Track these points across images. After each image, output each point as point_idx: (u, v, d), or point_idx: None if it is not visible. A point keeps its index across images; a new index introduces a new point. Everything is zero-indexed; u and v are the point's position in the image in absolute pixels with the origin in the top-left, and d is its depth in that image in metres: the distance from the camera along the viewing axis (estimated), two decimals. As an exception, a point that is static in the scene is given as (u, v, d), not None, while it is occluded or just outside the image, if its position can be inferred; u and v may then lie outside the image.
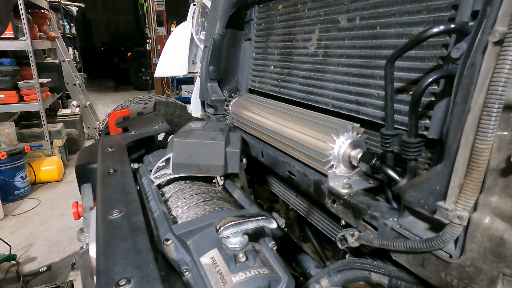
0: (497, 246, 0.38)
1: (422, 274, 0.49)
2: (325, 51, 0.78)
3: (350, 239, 0.60)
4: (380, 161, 0.58)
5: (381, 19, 0.63)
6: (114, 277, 0.45)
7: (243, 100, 1.08)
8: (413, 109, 0.49)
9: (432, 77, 0.47)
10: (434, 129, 0.53)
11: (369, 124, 0.68)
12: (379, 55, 0.64)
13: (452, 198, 0.41)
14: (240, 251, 0.51)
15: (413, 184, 0.48)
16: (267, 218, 0.55)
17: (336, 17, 0.74)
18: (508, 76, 0.33)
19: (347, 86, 0.71)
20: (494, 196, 0.39)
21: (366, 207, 0.59)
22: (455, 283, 0.44)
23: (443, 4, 0.52)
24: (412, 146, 0.51)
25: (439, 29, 0.46)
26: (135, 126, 1.20)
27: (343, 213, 0.64)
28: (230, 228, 0.51)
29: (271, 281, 0.50)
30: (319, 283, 0.60)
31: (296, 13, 0.90)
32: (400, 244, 0.49)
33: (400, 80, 0.58)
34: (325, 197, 0.69)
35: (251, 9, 1.16)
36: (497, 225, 0.39)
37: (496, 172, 0.38)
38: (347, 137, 0.64)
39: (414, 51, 0.55)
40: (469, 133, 0.38)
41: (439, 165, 0.44)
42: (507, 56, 0.33)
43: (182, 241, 0.55)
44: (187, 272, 0.52)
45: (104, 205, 0.61)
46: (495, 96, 0.34)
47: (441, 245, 0.43)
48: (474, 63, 0.39)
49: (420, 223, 0.51)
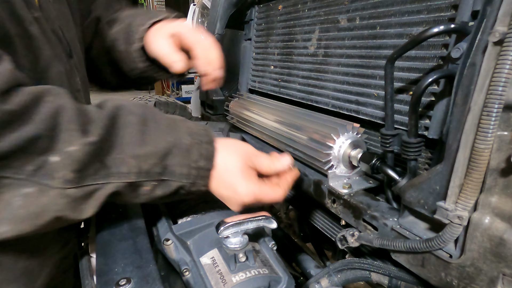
0: (497, 246, 0.38)
1: (422, 274, 0.49)
2: (325, 51, 0.78)
3: (350, 239, 0.60)
4: (380, 161, 0.58)
5: (381, 19, 0.63)
6: (114, 277, 0.45)
7: (243, 100, 1.08)
8: (413, 109, 0.49)
9: (432, 77, 0.47)
10: (434, 129, 0.53)
11: (369, 124, 0.68)
12: (379, 55, 0.64)
13: (452, 198, 0.41)
14: (240, 251, 0.51)
15: (413, 184, 0.48)
16: (267, 218, 0.55)
17: (336, 17, 0.74)
18: (508, 76, 0.33)
19: (347, 86, 0.71)
20: (494, 196, 0.39)
21: (366, 207, 0.59)
22: (455, 283, 0.44)
23: (443, 4, 0.52)
24: (412, 146, 0.52)
25: (439, 29, 0.46)
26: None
27: (343, 213, 0.64)
28: (230, 228, 0.51)
29: (271, 281, 0.50)
30: (319, 283, 0.60)
31: (296, 13, 0.90)
32: (400, 244, 0.49)
33: (400, 80, 0.58)
34: (325, 197, 0.69)
35: (251, 9, 1.16)
36: (497, 225, 0.39)
37: (496, 172, 0.38)
38: (347, 137, 0.65)
39: (414, 51, 0.55)
40: (469, 133, 0.38)
41: (439, 165, 0.44)
42: (507, 56, 0.33)
43: (182, 241, 0.55)
44: (187, 272, 0.52)
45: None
46: (495, 96, 0.34)
47: (441, 245, 0.43)
48: (474, 63, 0.40)
49: (420, 223, 0.51)
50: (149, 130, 0.52)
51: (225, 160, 0.57)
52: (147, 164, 0.50)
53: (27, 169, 0.43)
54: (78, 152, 0.44)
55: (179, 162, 0.53)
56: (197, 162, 0.54)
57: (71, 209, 0.47)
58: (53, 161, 0.44)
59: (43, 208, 0.45)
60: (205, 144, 0.56)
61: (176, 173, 0.53)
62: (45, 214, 0.46)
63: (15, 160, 0.42)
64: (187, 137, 0.54)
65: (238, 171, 0.57)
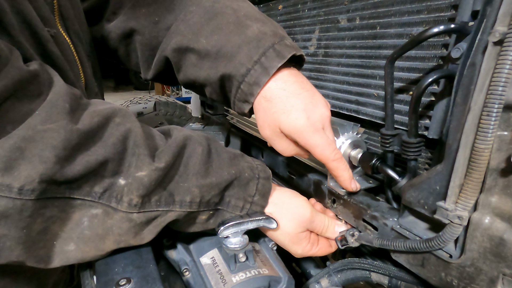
0: (497, 246, 0.38)
1: (422, 274, 0.49)
2: (325, 51, 0.78)
3: (350, 239, 0.60)
4: (380, 161, 0.58)
5: (381, 19, 0.63)
6: (114, 277, 0.45)
7: (243, 100, 1.08)
8: (413, 109, 0.49)
9: (432, 77, 0.47)
10: (434, 129, 0.53)
11: (369, 124, 0.68)
12: (379, 55, 0.64)
13: (452, 198, 0.41)
14: (240, 251, 0.51)
15: (413, 184, 0.48)
16: (267, 218, 0.55)
17: (336, 17, 0.74)
18: (508, 76, 0.33)
19: (347, 86, 0.71)
20: (494, 196, 0.39)
21: (366, 207, 0.59)
22: (455, 283, 0.44)
23: (443, 4, 0.52)
24: (412, 146, 0.52)
25: (439, 29, 0.46)
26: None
27: (343, 213, 0.64)
28: (230, 228, 0.51)
29: (271, 281, 0.50)
30: (319, 283, 0.60)
31: (296, 13, 0.90)
32: (400, 244, 0.49)
33: (400, 80, 0.58)
34: (325, 197, 0.69)
35: (251, 9, 1.16)
36: (497, 225, 0.39)
37: (496, 172, 0.38)
38: (347, 137, 0.64)
39: (414, 51, 0.55)
40: (469, 133, 0.38)
41: (439, 165, 0.44)
42: (507, 56, 0.33)
43: (182, 241, 0.55)
44: (187, 272, 0.52)
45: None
46: (495, 96, 0.34)
47: (441, 245, 0.43)
48: (474, 63, 0.39)
49: (420, 223, 0.51)
50: (213, 162, 0.53)
51: (283, 200, 0.60)
52: (209, 194, 0.51)
53: (96, 191, 0.43)
54: (146, 177, 0.45)
55: (236, 194, 0.54)
56: (253, 196, 0.55)
57: (132, 234, 0.48)
58: (121, 185, 0.44)
59: (107, 231, 0.46)
60: (262, 180, 0.57)
61: (231, 204, 0.54)
62: (108, 237, 0.46)
63: (86, 182, 0.42)
64: (248, 171, 0.55)
65: (290, 231, 0.59)
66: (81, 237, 0.45)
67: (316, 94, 0.58)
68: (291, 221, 0.58)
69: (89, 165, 0.41)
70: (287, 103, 0.55)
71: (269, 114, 0.56)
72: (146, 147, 0.46)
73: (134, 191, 0.44)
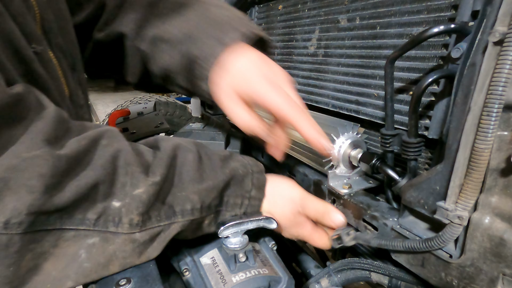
0: (497, 246, 0.38)
1: (422, 274, 0.49)
2: (325, 51, 0.78)
3: (345, 238, 0.59)
4: (380, 161, 0.58)
5: (381, 19, 0.63)
6: (114, 277, 0.45)
7: (243, 100, 1.08)
8: (413, 109, 0.49)
9: (432, 77, 0.47)
10: (434, 129, 0.53)
11: (369, 124, 0.68)
12: (379, 55, 0.64)
13: (452, 198, 0.41)
14: (240, 251, 0.51)
15: (413, 184, 0.48)
16: (267, 218, 0.55)
17: (336, 17, 0.74)
18: (508, 76, 0.33)
19: (347, 86, 0.71)
20: (494, 196, 0.39)
21: (366, 207, 0.59)
22: (455, 283, 0.44)
23: (443, 4, 0.52)
24: (412, 146, 0.52)
25: (439, 29, 0.46)
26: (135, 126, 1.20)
27: (343, 213, 0.64)
28: (230, 228, 0.51)
29: (271, 281, 0.50)
30: (319, 283, 0.60)
31: (296, 13, 0.90)
32: (399, 244, 0.49)
33: (400, 80, 0.58)
34: (325, 197, 0.69)
35: (251, 9, 1.16)
36: (497, 225, 0.39)
37: (496, 172, 0.38)
38: (347, 137, 0.65)
39: (414, 51, 0.55)
40: (469, 133, 0.38)
41: (439, 165, 0.44)
42: (507, 56, 0.33)
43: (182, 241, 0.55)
44: (187, 272, 0.52)
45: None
46: (495, 96, 0.34)
47: (441, 245, 0.43)
48: (474, 63, 0.39)
49: (420, 223, 0.51)
50: (206, 166, 0.53)
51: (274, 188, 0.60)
52: (209, 198, 0.51)
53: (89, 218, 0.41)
54: (144, 194, 0.44)
55: (234, 192, 0.54)
56: (250, 192, 0.56)
57: (137, 254, 0.46)
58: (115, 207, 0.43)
59: (110, 258, 0.44)
60: (256, 174, 0.57)
61: (230, 203, 0.54)
62: (112, 263, 0.44)
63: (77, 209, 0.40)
64: (242, 168, 0.56)
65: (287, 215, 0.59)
66: (80, 272, 0.42)
67: (275, 64, 0.61)
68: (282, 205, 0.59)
69: (79, 190, 0.39)
70: (241, 66, 0.58)
71: (224, 79, 0.59)
72: (138, 163, 0.45)
73: (134, 210, 0.43)
